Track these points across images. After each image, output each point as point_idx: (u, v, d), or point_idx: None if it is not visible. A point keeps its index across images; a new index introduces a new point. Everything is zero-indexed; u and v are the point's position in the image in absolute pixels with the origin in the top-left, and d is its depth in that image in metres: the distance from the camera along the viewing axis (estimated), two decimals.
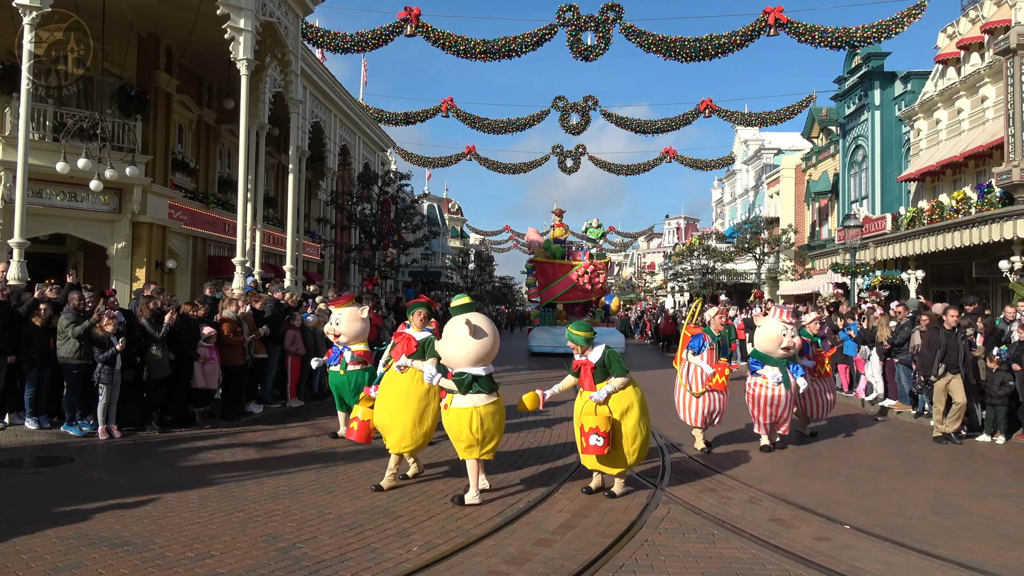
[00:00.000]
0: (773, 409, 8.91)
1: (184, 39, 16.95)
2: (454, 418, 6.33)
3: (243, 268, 13.64)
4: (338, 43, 22.36)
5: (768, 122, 32.15)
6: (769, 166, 43.84)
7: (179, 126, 19.10)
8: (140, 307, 9.89)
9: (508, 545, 5.33)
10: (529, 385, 15.30)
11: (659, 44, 22.01)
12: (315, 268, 27.25)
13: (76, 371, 9.11)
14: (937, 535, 5.78)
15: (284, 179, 21.64)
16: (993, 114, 21.48)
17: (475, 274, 65.27)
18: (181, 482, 6.98)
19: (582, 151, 38.63)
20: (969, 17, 23.40)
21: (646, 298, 64.00)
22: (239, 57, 13.61)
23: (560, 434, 9.86)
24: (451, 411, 6.36)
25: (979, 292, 20.59)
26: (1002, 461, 9.06)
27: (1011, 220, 17.72)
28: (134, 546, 5.12)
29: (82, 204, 15.09)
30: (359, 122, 30.41)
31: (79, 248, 16.80)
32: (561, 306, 25.32)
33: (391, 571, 4.77)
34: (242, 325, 10.80)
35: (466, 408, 6.26)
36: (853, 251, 22.80)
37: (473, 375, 6.26)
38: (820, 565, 5.01)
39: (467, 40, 22.43)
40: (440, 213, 64.73)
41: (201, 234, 19.23)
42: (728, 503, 6.63)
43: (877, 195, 28.52)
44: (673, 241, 68.67)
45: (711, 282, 40.36)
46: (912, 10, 20.70)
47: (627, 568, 4.95)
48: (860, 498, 6.93)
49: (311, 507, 6.18)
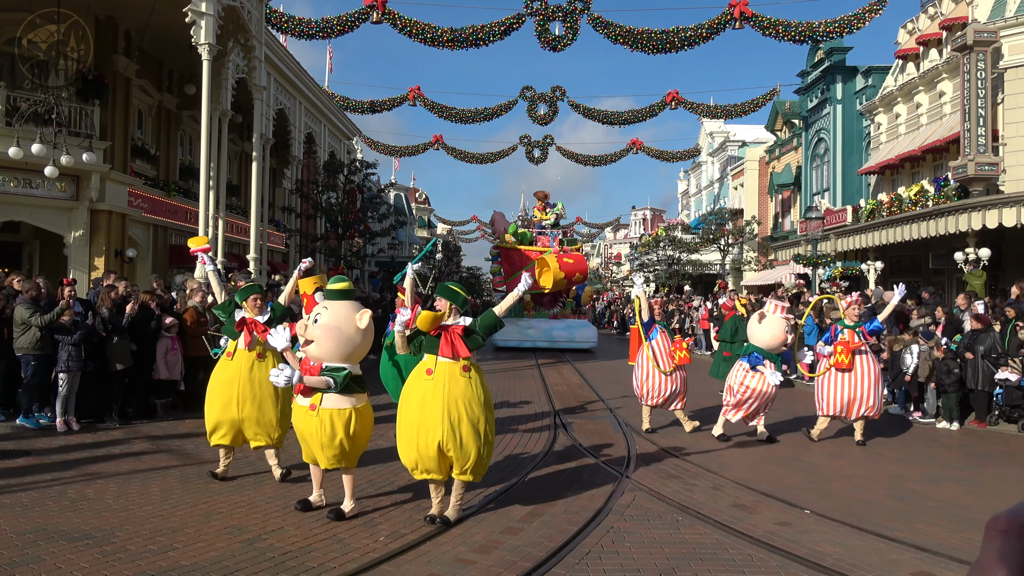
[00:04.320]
0: (761, 402, 9.00)
1: (143, 22, 16.56)
2: (327, 420, 5.40)
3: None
4: (303, 29, 22.04)
5: (733, 115, 32.50)
6: (734, 158, 44.35)
7: (139, 112, 18.67)
8: (101, 297, 9.68)
9: (475, 534, 5.34)
10: (496, 376, 15.43)
11: (626, 35, 22.10)
12: (280, 258, 26.91)
13: (35, 362, 8.90)
14: (894, 519, 5.94)
15: (248, 167, 21.33)
16: (950, 109, 21.98)
17: (442, 264, 65.07)
18: (143, 474, 6.87)
19: (550, 141, 38.64)
20: (928, 13, 23.89)
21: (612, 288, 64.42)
22: (201, 42, 13.35)
23: (526, 422, 9.90)
24: (325, 412, 5.41)
25: (935, 282, 21.11)
26: (955, 447, 9.34)
27: (966, 213, 18.19)
28: (94, 540, 5.02)
29: (37, 191, 14.69)
30: (324, 110, 30.05)
31: (35, 236, 16.37)
32: (528, 296, 23.14)
33: (358, 561, 4.75)
34: (206, 315, 10.64)
35: (347, 409, 5.44)
36: (815, 242, 23.20)
37: (352, 372, 5.45)
38: (781, 549, 5.12)
39: (434, 28, 22.27)
40: (407, 203, 64.30)
41: (162, 222, 18.87)
42: (692, 490, 6.73)
43: (838, 187, 29.04)
44: (639, 232, 69.23)
45: (676, 273, 40.76)
46: (873, 6, 21.06)
47: (593, 555, 5.00)
48: (820, 484, 7.09)
49: (276, 498, 6.13)
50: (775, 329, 8.89)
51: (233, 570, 4.55)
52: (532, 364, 17.92)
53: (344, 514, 5.61)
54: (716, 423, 9.28)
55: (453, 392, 5.30)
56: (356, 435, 5.49)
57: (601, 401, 12.33)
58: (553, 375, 16.08)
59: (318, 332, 5.35)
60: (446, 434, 5.22)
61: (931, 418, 10.94)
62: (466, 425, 5.25)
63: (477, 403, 5.35)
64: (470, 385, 5.36)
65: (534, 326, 21.56)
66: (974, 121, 19.20)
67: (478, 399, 5.36)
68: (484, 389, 5.49)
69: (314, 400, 5.43)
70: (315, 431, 5.43)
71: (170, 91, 19.86)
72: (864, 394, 8.91)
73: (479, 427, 5.30)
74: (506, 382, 14.55)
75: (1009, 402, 10.32)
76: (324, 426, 5.40)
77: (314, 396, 5.43)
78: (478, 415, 5.32)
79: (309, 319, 5.52)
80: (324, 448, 5.46)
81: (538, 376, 15.77)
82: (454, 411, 5.25)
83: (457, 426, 5.23)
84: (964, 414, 10.66)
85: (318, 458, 5.59)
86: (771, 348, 8.93)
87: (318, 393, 5.42)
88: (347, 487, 5.71)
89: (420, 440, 5.30)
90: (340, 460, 5.53)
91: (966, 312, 11.72)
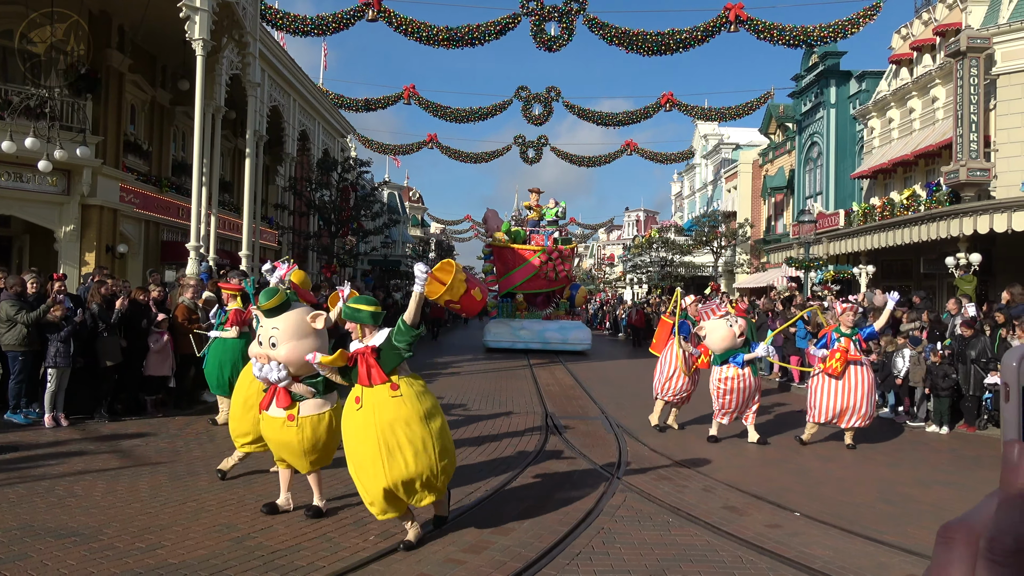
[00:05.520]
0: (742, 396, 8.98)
1: (137, 17, 16.47)
2: (308, 428, 5.35)
3: (197, 254, 13.36)
4: (298, 26, 21.98)
5: (727, 117, 32.60)
6: (727, 161, 44.47)
7: (132, 107, 18.57)
8: (91, 292, 9.62)
9: (465, 534, 5.33)
10: (487, 376, 15.42)
11: (621, 37, 22.12)
12: (272, 255, 26.83)
13: (23, 358, 8.83)
14: (883, 522, 5.95)
15: (241, 164, 21.22)
16: (943, 114, 22.08)
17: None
18: (131, 471, 6.82)
19: (544, 142, 38.65)
20: (922, 19, 24.00)
21: (605, 289, 64.49)
22: (195, 37, 13.27)
23: (518, 423, 9.89)
24: (305, 420, 5.36)
25: (926, 287, 21.20)
26: (945, 451, 9.38)
27: (958, 218, 18.26)
28: (82, 537, 4.99)
29: (28, 185, 14.59)
30: (319, 107, 29.95)
31: (25, 231, 16.27)
32: (521, 296, 22.70)
33: (347, 560, 4.73)
34: (198, 312, 10.58)
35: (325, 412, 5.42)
36: (807, 246, 23.27)
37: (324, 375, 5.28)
38: (772, 551, 5.12)
39: (430, 27, 22.24)
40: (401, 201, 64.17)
41: (154, 218, 18.76)
42: (683, 491, 6.73)
43: (831, 191, 29.14)
44: (633, 233, 69.35)
45: (669, 274, 40.84)
46: (868, 11, 21.15)
47: (583, 555, 4.99)
48: (810, 487, 7.11)
49: (266, 496, 6.09)
50: (720, 331, 8.95)
51: (221, 568, 4.52)
52: (524, 364, 17.90)
53: (323, 511, 5.61)
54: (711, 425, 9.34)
55: (384, 417, 4.80)
56: (335, 433, 5.42)
57: (593, 402, 12.33)
58: (545, 376, 16.07)
59: (282, 354, 5.21)
60: (387, 467, 4.74)
61: (921, 422, 10.98)
62: (407, 449, 4.75)
63: (415, 421, 4.83)
64: (403, 404, 4.84)
65: (526, 327, 21.12)
66: (966, 127, 19.30)
67: (417, 416, 4.85)
68: (419, 401, 4.92)
69: (292, 411, 5.35)
70: (296, 441, 5.36)
71: (163, 86, 19.76)
72: (857, 404, 8.93)
73: (424, 445, 4.80)
74: (498, 382, 14.54)
75: (998, 407, 10.35)
76: (305, 434, 5.35)
77: (292, 407, 5.35)
78: (418, 433, 4.81)
79: (265, 345, 5.31)
80: (306, 455, 5.42)
81: (530, 376, 15.76)
82: (391, 438, 4.77)
83: (398, 451, 4.75)
84: (954, 418, 10.71)
85: (297, 465, 5.55)
86: (732, 346, 8.94)
87: (295, 404, 5.37)
88: (315, 486, 5.68)
89: (365, 480, 4.88)
90: (319, 462, 5.55)
91: (956, 316, 11.77)
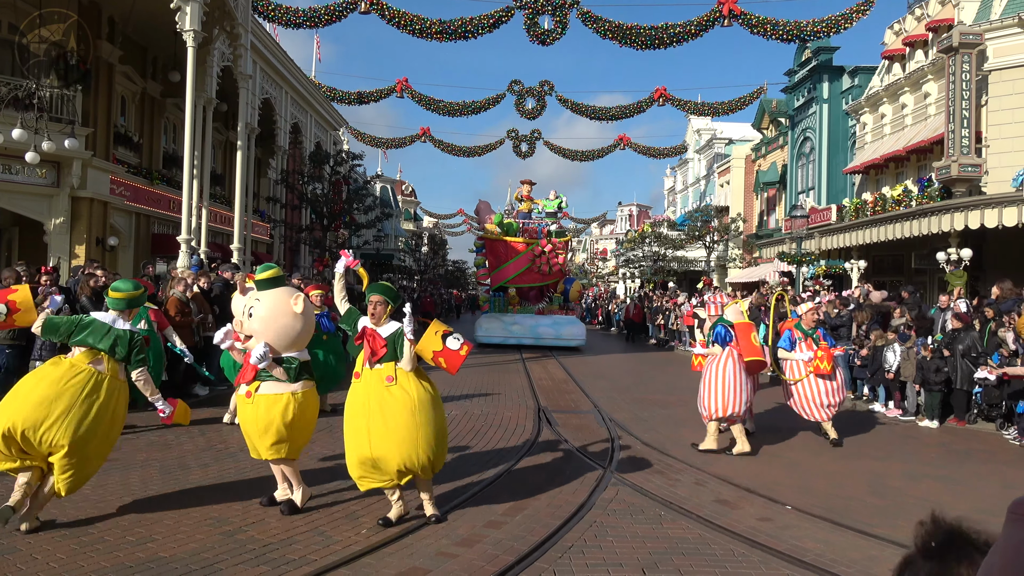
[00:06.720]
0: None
1: (128, 8, 16.34)
2: (262, 407, 5.24)
3: (188, 247, 13.30)
4: (290, 18, 21.89)
5: (720, 112, 32.66)
6: (720, 156, 44.50)
7: (122, 98, 18.44)
8: (81, 285, 9.56)
9: (458, 527, 5.33)
10: (479, 370, 15.41)
11: (615, 31, 22.11)
12: (264, 248, 26.71)
13: (10, 350, 8.77)
14: (874, 515, 5.98)
15: (232, 156, 21.13)
16: (935, 110, 22.15)
17: (428, 257, 64.90)
18: (122, 464, 6.78)
19: (537, 136, 38.63)
20: (915, 15, 24.04)
21: (598, 284, 64.57)
22: (186, 28, 13.20)
23: (510, 417, 9.89)
24: (260, 398, 5.26)
25: (917, 282, 21.29)
26: (935, 445, 9.43)
27: (949, 213, 18.35)
28: (72, 530, 4.96)
29: (17, 177, 14.47)
30: (311, 100, 29.83)
31: (14, 223, 16.14)
32: (513, 290, 22.28)
33: (339, 553, 4.72)
34: (190, 305, 10.53)
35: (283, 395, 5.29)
36: (799, 240, 23.35)
37: (300, 360, 5.38)
38: (763, 544, 5.14)
39: (423, 19, 22.17)
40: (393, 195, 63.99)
41: (144, 211, 18.65)
42: (675, 485, 6.74)
43: (823, 186, 29.22)
44: (625, 228, 69.38)
45: (662, 269, 40.90)
46: (861, 6, 21.20)
47: (576, 549, 5.00)
48: (801, 480, 7.13)
49: (259, 490, 6.07)
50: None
51: (213, 562, 4.50)
52: (517, 359, 17.91)
53: (297, 505, 5.49)
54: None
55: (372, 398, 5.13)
56: (294, 422, 5.26)
57: (586, 396, 12.34)
58: (538, 370, 16.08)
59: (256, 326, 5.20)
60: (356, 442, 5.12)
61: (911, 416, 11.04)
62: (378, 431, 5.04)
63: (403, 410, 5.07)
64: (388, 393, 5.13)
65: (519, 322, 20.86)
66: (958, 122, 19.36)
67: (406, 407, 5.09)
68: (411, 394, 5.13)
69: (251, 387, 5.26)
70: (251, 419, 5.29)
71: (154, 78, 19.62)
72: (836, 391, 9.03)
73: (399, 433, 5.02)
74: (490, 376, 14.54)
75: (988, 401, 10.42)
76: (259, 412, 5.23)
77: (252, 383, 5.26)
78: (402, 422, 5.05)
79: (244, 313, 5.28)
80: (261, 436, 5.27)
81: (523, 370, 15.77)
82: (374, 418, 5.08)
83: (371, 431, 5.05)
84: (944, 412, 10.77)
85: (258, 449, 5.40)
86: None
87: (256, 381, 5.25)
88: (291, 477, 5.55)
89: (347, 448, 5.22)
90: (279, 450, 5.31)
91: (947, 311, 11.83)
